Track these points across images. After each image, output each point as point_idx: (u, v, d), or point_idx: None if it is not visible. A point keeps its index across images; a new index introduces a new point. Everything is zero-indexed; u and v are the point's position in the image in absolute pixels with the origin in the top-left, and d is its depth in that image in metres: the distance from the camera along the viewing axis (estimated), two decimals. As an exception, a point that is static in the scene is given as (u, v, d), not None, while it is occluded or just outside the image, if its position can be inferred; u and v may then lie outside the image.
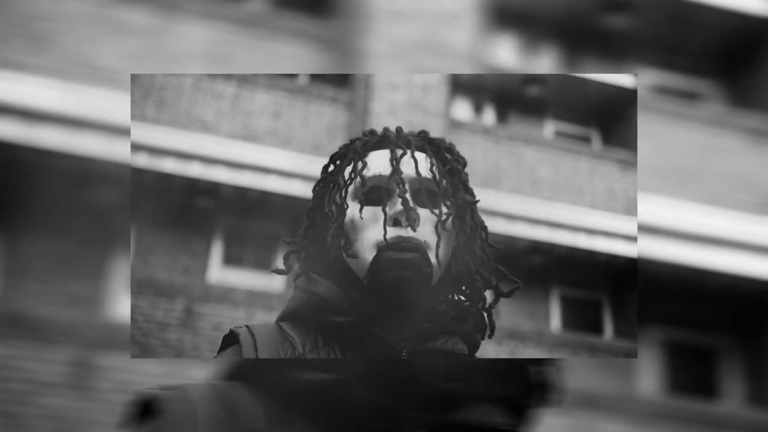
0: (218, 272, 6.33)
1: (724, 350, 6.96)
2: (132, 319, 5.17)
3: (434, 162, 0.99)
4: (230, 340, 0.92)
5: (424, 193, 0.95)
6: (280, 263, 1.04)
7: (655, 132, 6.50)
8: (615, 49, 7.51)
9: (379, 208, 0.93)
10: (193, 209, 6.31)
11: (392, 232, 0.91)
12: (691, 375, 6.89)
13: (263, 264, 6.43)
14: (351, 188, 0.97)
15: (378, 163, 0.97)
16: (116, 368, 4.80)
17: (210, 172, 6.00)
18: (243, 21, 5.84)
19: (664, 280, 6.19)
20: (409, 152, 0.97)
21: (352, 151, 1.01)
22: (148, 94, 6.27)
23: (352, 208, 0.95)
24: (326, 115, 6.68)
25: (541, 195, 7.00)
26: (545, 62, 7.64)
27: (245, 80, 6.54)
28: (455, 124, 7.10)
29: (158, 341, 5.34)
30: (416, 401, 0.77)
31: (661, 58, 7.74)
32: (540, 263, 6.89)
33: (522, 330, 6.37)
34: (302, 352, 0.88)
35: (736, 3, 7.28)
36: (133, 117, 5.75)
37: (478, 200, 1.02)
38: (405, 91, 6.74)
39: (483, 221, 1.03)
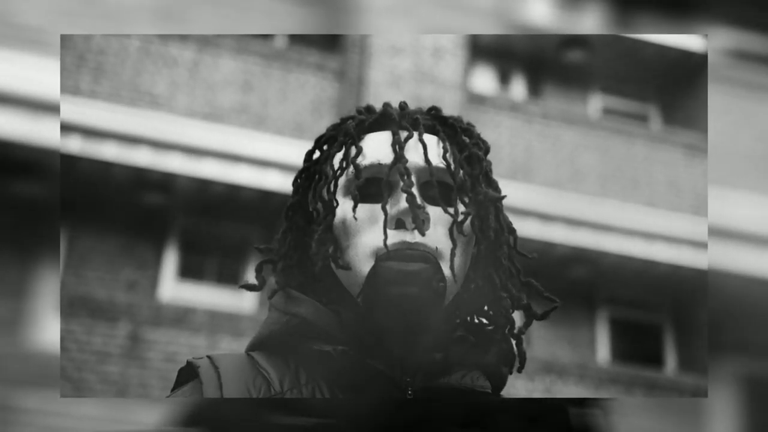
0: (172, 288, 6.33)
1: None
2: (62, 348, 5.17)
3: (448, 147, 0.99)
4: (188, 374, 0.92)
5: (435, 186, 0.95)
6: (251, 276, 1.04)
7: (732, 108, 6.49)
8: (680, 4, 7.51)
9: (378, 206, 0.93)
10: (140, 207, 6.32)
11: (394, 236, 0.91)
12: (777, 419, 6.89)
13: (229, 277, 6.43)
14: (342, 180, 0.97)
15: (376, 148, 0.97)
16: (42, 410, 4.80)
17: (162, 160, 6.00)
18: (204, -33, 5.85)
19: (743, 298, 6.18)
20: (416, 135, 0.97)
21: (344, 134, 1.01)
22: (83, 60, 6.27)
23: (344, 206, 0.96)
24: (310, 86, 6.69)
25: (585, 189, 7.00)
26: (590, 20, 7.64)
27: (207, 42, 6.55)
28: (475, 99, 7.11)
29: (96, 376, 5.35)
30: (425, 453, 0.77)
31: (740, 15, 7.73)
32: (584, 276, 6.89)
33: (561, 362, 6.37)
34: (280, 390, 0.88)
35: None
36: (64, 89, 5.75)
37: (505, 196, 1.02)
38: (411, 57, 6.75)
39: (510, 223, 1.03)
